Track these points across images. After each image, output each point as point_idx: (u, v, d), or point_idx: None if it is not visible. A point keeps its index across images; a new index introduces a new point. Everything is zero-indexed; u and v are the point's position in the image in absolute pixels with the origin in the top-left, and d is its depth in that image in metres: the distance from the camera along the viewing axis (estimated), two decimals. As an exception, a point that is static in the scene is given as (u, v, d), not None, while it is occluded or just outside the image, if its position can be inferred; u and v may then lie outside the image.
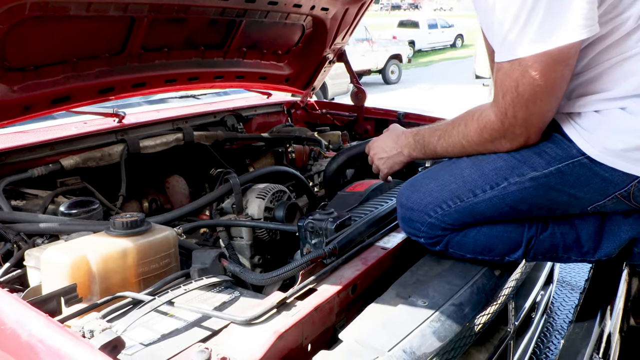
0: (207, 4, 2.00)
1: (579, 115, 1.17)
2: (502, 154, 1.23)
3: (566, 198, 1.19)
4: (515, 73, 1.08)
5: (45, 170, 1.76)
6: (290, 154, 2.34)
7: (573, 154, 1.15)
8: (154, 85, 2.10)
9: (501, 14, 1.06)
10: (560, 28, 1.00)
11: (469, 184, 1.25)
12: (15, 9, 1.47)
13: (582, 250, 1.26)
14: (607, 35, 1.10)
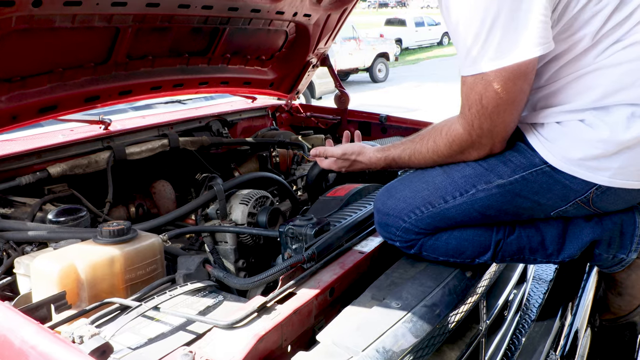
0: (190, 13, 2.05)
1: (541, 126, 1.24)
2: (471, 162, 1.30)
3: (530, 204, 1.26)
4: (478, 87, 1.15)
5: (33, 178, 1.80)
6: (275, 158, 2.39)
7: (536, 163, 1.22)
8: (139, 92, 2.15)
9: (463, 31, 1.12)
10: (517, 46, 1.07)
11: (440, 191, 1.32)
12: (1, 22, 1.50)
13: (547, 252, 1.33)
14: (565, 52, 1.17)
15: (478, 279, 1.38)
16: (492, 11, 1.07)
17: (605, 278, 1.47)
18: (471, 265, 1.38)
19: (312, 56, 2.88)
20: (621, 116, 1.15)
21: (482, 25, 1.08)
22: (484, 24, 1.07)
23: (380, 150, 1.48)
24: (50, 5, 1.55)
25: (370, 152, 1.51)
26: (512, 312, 1.69)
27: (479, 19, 1.09)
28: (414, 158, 1.39)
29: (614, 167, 1.16)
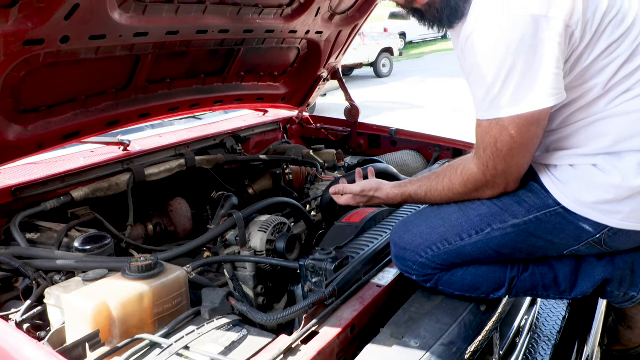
0: (208, 38, 2.09)
1: (555, 168, 1.28)
2: (486, 201, 1.34)
3: (544, 243, 1.31)
4: (494, 131, 1.19)
5: (57, 203, 1.85)
6: (288, 176, 2.44)
7: (550, 204, 1.27)
8: (157, 114, 2.20)
9: (480, 78, 1.17)
10: (530, 96, 1.13)
11: (456, 228, 1.37)
12: (31, 58, 1.55)
13: (559, 289, 1.38)
14: (577, 100, 1.22)
15: (492, 311, 1.44)
16: (508, 63, 1.12)
17: (616, 311, 1.52)
18: (485, 299, 1.43)
19: (323, 70, 2.92)
20: (632, 162, 1.19)
21: (499, 74, 1.13)
22: (500, 73, 1.12)
23: (397, 186, 1.53)
24: (76, 40, 1.60)
25: (388, 188, 1.55)
26: (524, 335, 1.74)
27: (496, 68, 1.14)
28: (430, 195, 1.44)
29: (625, 210, 1.20)
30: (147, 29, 1.79)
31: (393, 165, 2.70)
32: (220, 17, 2.05)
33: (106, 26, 1.65)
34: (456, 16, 1.29)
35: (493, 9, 1.13)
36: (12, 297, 1.58)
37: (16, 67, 1.54)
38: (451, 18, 1.30)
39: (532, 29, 1.09)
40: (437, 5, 1.29)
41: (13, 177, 1.88)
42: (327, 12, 2.54)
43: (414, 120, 9.62)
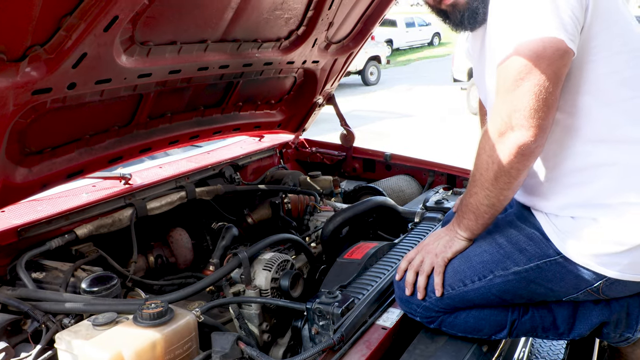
0: (208, 74, 2.12)
1: (556, 217, 1.34)
2: (488, 248, 1.39)
3: (544, 290, 1.36)
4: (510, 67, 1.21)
5: (62, 241, 1.87)
6: (287, 205, 2.48)
7: (550, 253, 1.33)
8: (158, 147, 2.22)
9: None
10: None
11: (459, 275, 1.42)
12: (38, 105, 1.57)
13: (558, 331, 1.44)
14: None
15: (493, 351, 1.49)
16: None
17: (611, 349, 1.58)
18: (487, 340, 1.48)
19: (318, 97, 2.97)
20: (632, 218, 1.24)
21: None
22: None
23: (456, 217, 1.47)
24: (83, 86, 1.63)
25: (451, 226, 1.49)
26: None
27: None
28: (475, 189, 1.34)
29: (624, 262, 1.26)
30: (151, 70, 1.83)
31: (389, 190, 2.76)
32: (220, 53, 2.09)
33: (112, 71, 1.67)
34: (475, 19, 1.40)
35: None
36: (21, 340, 1.59)
37: (24, 114, 1.56)
38: (471, 20, 1.40)
39: None
40: (460, 7, 1.39)
41: (16, 215, 1.89)
42: (324, 42, 2.59)
43: (403, 129, 9.72)
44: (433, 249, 1.46)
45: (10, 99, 1.43)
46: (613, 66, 1.25)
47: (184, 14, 1.74)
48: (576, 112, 1.28)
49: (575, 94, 1.27)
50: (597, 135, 1.29)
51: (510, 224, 1.42)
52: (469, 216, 1.38)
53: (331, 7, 2.33)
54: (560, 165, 1.33)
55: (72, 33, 1.41)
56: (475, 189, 1.33)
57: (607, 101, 1.27)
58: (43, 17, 1.32)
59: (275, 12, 2.12)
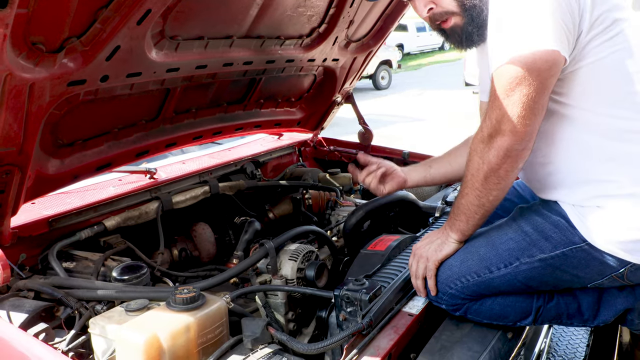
0: (233, 70, 2.17)
1: (582, 208, 1.35)
2: (514, 236, 1.41)
3: (569, 277, 1.38)
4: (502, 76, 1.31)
5: (91, 232, 1.91)
6: (307, 201, 2.51)
7: (576, 241, 1.34)
8: (183, 142, 2.27)
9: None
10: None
11: (485, 262, 1.44)
12: (72, 97, 1.62)
13: (583, 317, 1.45)
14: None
15: (518, 338, 1.50)
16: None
17: (633, 336, 1.59)
18: (511, 327, 1.50)
19: (337, 95, 3.00)
20: None
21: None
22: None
23: (449, 219, 1.52)
24: (115, 79, 1.67)
25: (444, 228, 1.53)
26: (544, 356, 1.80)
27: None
28: (467, 189, 1.40)
29: None
30: (179, 64, 1.87)
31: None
32: (245, 50, 2.13)
33: (142, 64, 1.72)
34: (472, 40, 1.52)
35: None
36: (55, 326, 1.63)
37: (58, 105, 1.61)
38: (468, 42, 1.53)
39: None
40: (457, 30, 1.50)
41: (46, 206, 1.94)
42: (344, 40, 2.63)
43: (414, 133, 9.73)
44: (425, 252, 1.53)
45: (47, 89, 1.47)
46: (619, 62, 1.30)
47: (212, 10, 1.79)
48: (591, 108, 1.32)
49: (587, 90, 1.32)
50: (616, 129, 1.31)
51: (536, 212, 1.44)
52: (461, 217, 1.44)
53: (352, 5, 2.36)
54: (583, 160, 1.35)
55: (107, 26, 1.46)
56: (467, 190, 1.40)
57: (618, 97, 1.31)
58: (80, 10, 1.37)
59: (299, 9, 2.16)
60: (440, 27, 1.55)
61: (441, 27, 1.54)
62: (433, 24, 1.55)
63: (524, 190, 1.80)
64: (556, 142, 1.38)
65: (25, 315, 1.51)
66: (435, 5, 1.50)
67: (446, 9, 1.49)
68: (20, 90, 1.41)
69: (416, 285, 1.55)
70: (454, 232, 1.49)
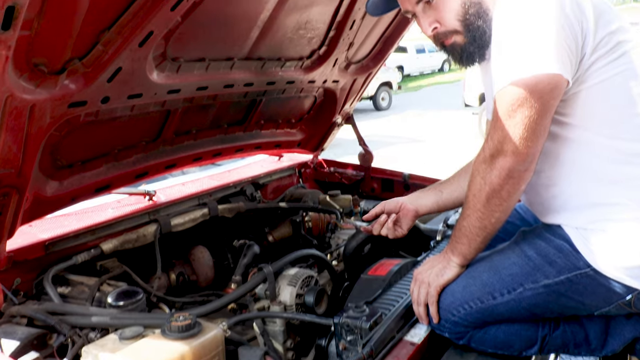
0: (233, 91, 2.16)
1: (586, 231, 1.33)
2: (517, 260, 1.39)
3: (575, 304, 1.35)
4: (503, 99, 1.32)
5: (88, 256, 1.87)
6: (307, 223, 2.48)
7: (580, 266, 1.32)
8: (183, 164, 2.25)
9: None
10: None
11: (487, 287, 1.41)
12: (72, 119, 1.61)
13: (590, 347, 1.41)
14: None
15: (523, 369, 1.46)
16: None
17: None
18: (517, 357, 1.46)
19: (338, 116, 3.00)
20: None
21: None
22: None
23: (449, 242, 1.51)
24: (116, 100, 1.66)
25: (445, 252, 1.52)
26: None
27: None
28: (468, 211, 1.39)
29: None
30: (180, 86, 1.87)
31: (408, 210, 2.74)
32: (246, 71, 2.13)
33: (143, 85, 1.71)
34: (473, 59, 1.52)
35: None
36: (47, 354, 1.59)
37: (58, 127, 1.59)
38: (469, 60, 1.54)
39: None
40: (458, 48, 1.50)
41: (43, 229, 1.91)
42: (344, 62, 2.64)
43: (415, 154, 9.74)
44: (426, 278, 1.51)
45: (47, 111, 1.46)
46: (623, 84, 1.30)
47: (214, 32, 1.79)
48: (595, 130, 1.31)
49: (591, 112, 1.31)
50: (621, 151, 1.30)
51: (539, 236, 1.42)
52: (462, 240, 1.43)
53: (352, 28, 2.37)
54: (586, 182, 1.34)
55: (109, 47, 1.46)
56: (469, 211, 1.39)
57: (622, 119, 1.31)
58: (83, 32, 1.36)
59: (299, 32, 2.17)
60: (443, 44, 1.56)
61: (444, 44, 1.55)
62: (436, 41, 1.56)
63: (527, 213, 1.78)
64: (560, 164, 1.37)
65: (16, 343, 1.47)
66: (439, 25, 1.50)
67: (450, 28, 1.49)
68: (20, 111, 1.39)
69: (418, 312, 1.52)
70: (455, 255, 1.47)
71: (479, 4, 1.46)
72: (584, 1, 1.25)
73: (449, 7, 1.47)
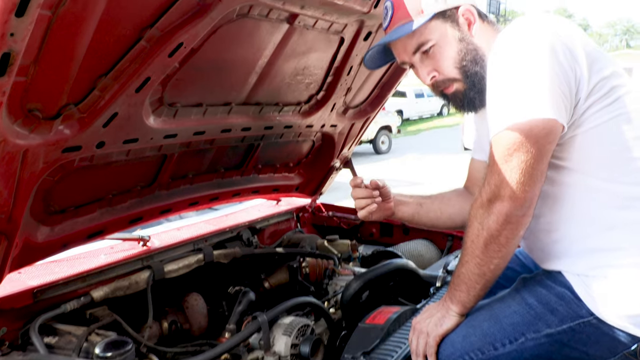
0: (231, 136, 2.16)
1: (587, 277, 1.30)
2: (518, 309, 1.34)
3: (579, 354, 1.30)
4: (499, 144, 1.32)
5: (77, 304, 1.82)
6: (305, 269, 2.43)
7: (583, 314, 1.28)
8: (178, 209, 2.22)
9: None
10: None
11: (488, 337, 1.36)
12: (66, 164, 1.60)
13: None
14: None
15: None
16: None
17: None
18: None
19: (336, 160, 2.99)
20: None
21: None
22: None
23: (448, 291, 1.46)
24: (111, 145, 1.65)
25: (444, 300, 1.48)
26: None
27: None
28: (467, 257, 1.35)
29: None
30: (177, 130, 1.86)
31: (407, 255, 2.71)
32: (243, 116, 2.14)
33: (140, 130, 1.71)
34: (474, 105, 1.53)
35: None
36: (29, 408, 1.52)
37: (52, 172, 1.58)
38: (470, 106, 1.55)
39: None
40: (459, 95, 1.52)
41: (32, 276, 1.87)
42: (342, 106, 2.65)
43: (414, 197, 9.73)
44: (425, 327, 1.47)
45: (41, 155, 1.45)
46: (618, 128, 1.30)
47: (212, 78, 1.80)
48: (593, 173, 1.31)
49: (587, 156, 1.31)
50: (619, 195, 1.29)
51: (540, 283, 1.38)
52: (461, 288, 1.39)
53: (350, 73, 2.40)
54: (586, 227, 1.32)
55: (106, 93, 1.46)
56: (467, 257, 1.35)
57: (619, 162, 1.30)
58: (80, 77, 1.37)
59: (297, 77, 2.19)
60: (442, 93, 1.57)
61: (443, 92, 1.56)
62: (436, 90, 1.57)
63: (527, 259, 1.75)
64: (559, 208, 1.35)
65: (-2, 397, 1.40)
66: (437, 74, 1.52)
67: (448, 76, 1.51)
68: (13, 156, 1.38)
69: None
70: (454, 304, 1.42)
71: (474, 51, 1.48)
72: (576, 48, 1.26)
73: (446, 56, 1.49)
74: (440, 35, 1.49)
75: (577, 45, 1.27)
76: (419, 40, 1.50)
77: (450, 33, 1.49)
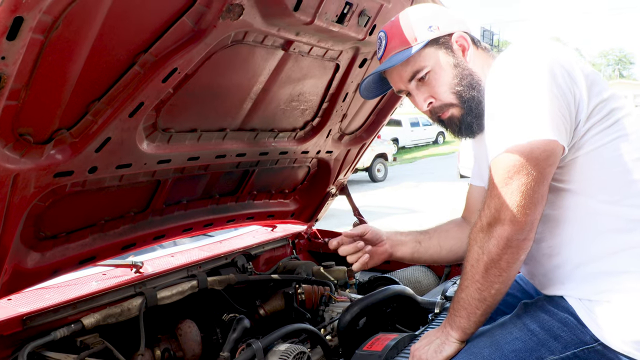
0: (225, 162, 2.16)
1: (591, 302, 1.27)
2: (520, 335, 1.31)
3: (582, 382, 1.26)
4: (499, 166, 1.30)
5: (67, 332, 1.78)
6: (300, 296, 2.39)
7: (587, 340, 1.24)
8: (172, 235, 2.20)
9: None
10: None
11: (490, 365, 1.32)
12: (58, 188, 1.58)
13: None
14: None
15: None
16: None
17: None
18: None
19: (332, 187, 2.99)
20: None
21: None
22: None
23: (448, 317, 1.42)
24: (104, 170, 1.65)
25: (444, 327, 1.44)
26: None
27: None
28: (467, 282, 1.33)
29: None
30: (171, 156, 1.86)
31: (405, 282, 2.67)
32: (238, 142, 2.14)
33: (133, 156, 1.71)
34: (471, 130, 1.52)
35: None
36: None
37: (43, 197, 1.56)
38: (468, 131, 1.54)
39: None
40: (456, 120, 1.52)
41: (22, 303, 1.83)
42: (337, 133, 2.66)
43: (411, 224, 9.70)
44: (424, 354, 1.43)
45: (32, 180, 1.44)
46: (618, 150, 1.29)
47: (206, 103, 1.81)
48: (594, 195, 1.29)
49: (588, 178, 1.30)
50: (622, 218, 1.27)
51: (542, 309, 1.35)
52: (461, 313, 1.36)
53: (345, 100, 2.41)
54: (589, 252, 1.30)
55: (99, 118, 1.46)
56: (467, 282, 1.33)
57: (620, 185, 1.29)
58: (72, 102, 1.37)
59: (292, 104, 2.20)
60: (440, 119, 1.57)
61: (441, 118, 1.56)
62: (433, 116, 1.57)
63: (527, 284, 1.72)
64: (560, 232, 1.34)
65: None
66: (434, 100, 1.52)
67: (445, 101, 1.51)
68: (2, 181, 1.37)
69: None
70: (454, 330, 1.39)
71: (470, 76, 1.49)
72: (575, 71, 1.27)
73: (442, 82, 1.50)
74: (435, 61, 1.50)
75: (576, 68, 1.28)
76: (414, 68, 1.51)
77: (445, 59, 1.50)
